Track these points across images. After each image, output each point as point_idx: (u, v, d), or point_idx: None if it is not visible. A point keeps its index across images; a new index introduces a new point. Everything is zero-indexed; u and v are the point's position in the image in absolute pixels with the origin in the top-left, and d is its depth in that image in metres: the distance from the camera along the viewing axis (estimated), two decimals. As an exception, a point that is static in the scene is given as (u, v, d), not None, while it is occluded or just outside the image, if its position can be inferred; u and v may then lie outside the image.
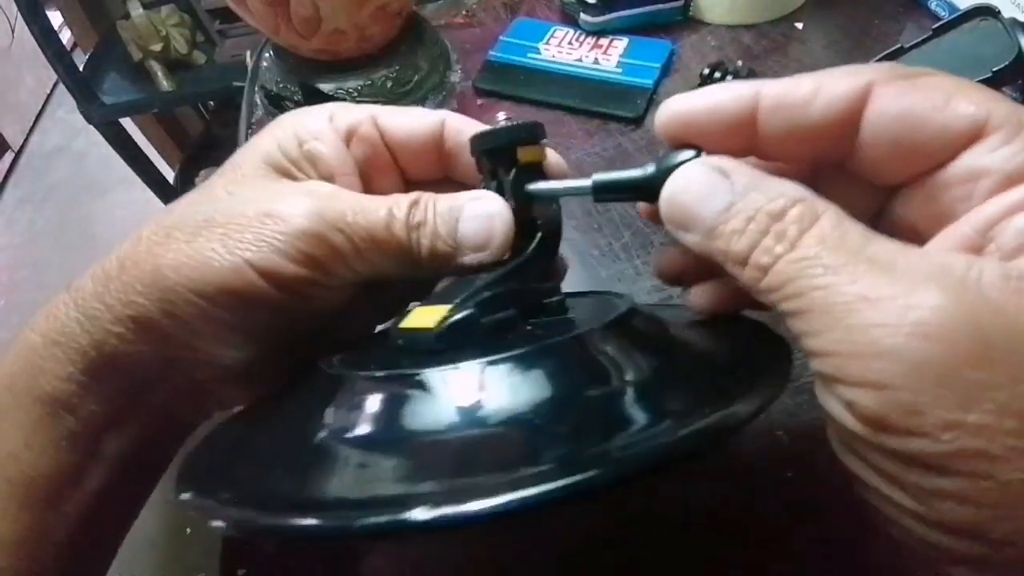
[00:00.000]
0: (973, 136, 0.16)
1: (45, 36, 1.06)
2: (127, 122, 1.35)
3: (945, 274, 0.14)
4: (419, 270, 0.23)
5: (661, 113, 0.20)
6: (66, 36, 1.41)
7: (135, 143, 1.31)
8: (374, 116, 0.25)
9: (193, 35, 1.21)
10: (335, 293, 0.23)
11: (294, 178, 0.23)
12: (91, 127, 1.19)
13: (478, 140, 0.23)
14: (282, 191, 0.22)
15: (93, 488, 0.22)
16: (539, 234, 0.23)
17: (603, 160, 0.47)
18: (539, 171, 0.23)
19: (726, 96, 0.19)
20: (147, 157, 1.35)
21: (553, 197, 0.23)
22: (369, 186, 0.25)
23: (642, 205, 0.23)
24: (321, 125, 0.24)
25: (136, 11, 1.12)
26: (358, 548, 0.30)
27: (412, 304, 0.22)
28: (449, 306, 0.20)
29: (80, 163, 2.00)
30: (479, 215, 0.22)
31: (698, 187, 0.18)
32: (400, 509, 0.14)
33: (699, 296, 0.22)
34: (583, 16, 0.55)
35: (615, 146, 0.48)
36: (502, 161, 0.23)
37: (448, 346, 0.20)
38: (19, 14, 1.04)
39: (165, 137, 1.56)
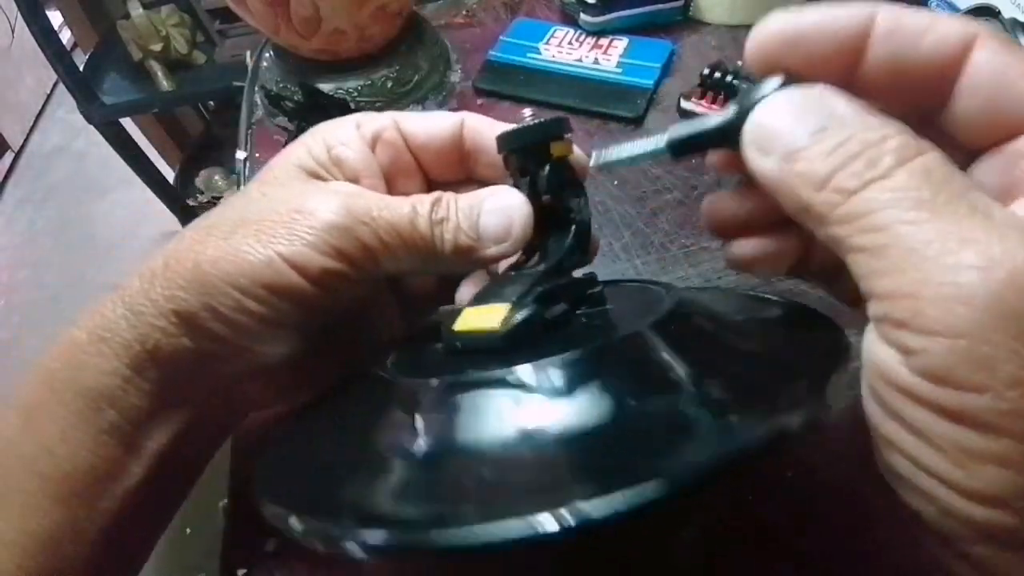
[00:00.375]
0: None
1: (45, 36, 1.05)
2: (127, 122, 1.34)
3: None
4: (442, 265, 0.24)
5: (759, 32, 0.19)
6: (66, 36, 1.41)
7: (135, 143, 1.31)
8: (397, 121, 0.26)
9: (193, 35, 1.21)
10: (363, 290, 0.24)
11: (320, 176, 0.25)
12: (91, 127, 1.19)
13: (506, 139, 0.24)
14: (310, 190, 0.24)
15: (129, 485, 0.22)
16: (573, 226, 0.24)
17: (603, 160, 0.47)
18: (567, 166, 0.24)
19: (841, 13, 0.17)
20: (147, 157, 1.35)
21: (629, 162, 0.23)
22: (393, 189, 0.26)
23: (712, 158, 0.22)
24: (349, 132, 0.25)
25: (136, 11, 1.12)
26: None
27: (444, 307, 0.23)
28: (506, 305, 0.20)
29: (80, 163, 2.00)
30: (499, 208, 0.23)
31: (792, 110, 0.17)
32: (541, 515, 0.14)
33: (741, 249, 0.21)
34: (583, 16, 0.55)
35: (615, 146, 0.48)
36: (532, 158, 0.23)
37: (514, 345, 0.19)
38: (19, 14, 1.04)
39: (165, 137, 1.56)
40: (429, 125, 0.26)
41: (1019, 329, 0.13)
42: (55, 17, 1.14)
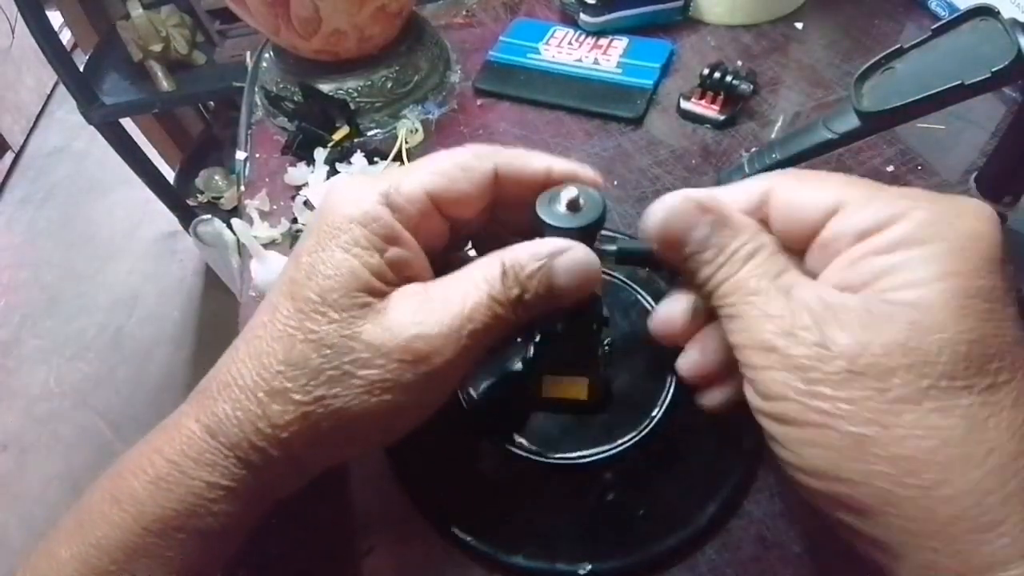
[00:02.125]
0: (833, 212, 0.23)
1: (45, 36, 1.05)
2: (127, 122, 1.34)
3: (820, 304, 0.21)
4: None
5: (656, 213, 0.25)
6: (66, 36, 1.41)
7: (135, 143, 1.31)
8: (430, 194, 0.25)
9: (193, 35, 1.21)
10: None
11: (381, 291, 0.24)
12: (91, 127, 1.19)
13: (554, 231, 0.25)
14: (396, 333, 0.23)
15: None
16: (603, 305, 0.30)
17: (603, 160, 0.47)
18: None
19: (690, 199, 0.24)
20: (147, 157, 1.35)
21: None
22: (418, 237, 0.26)
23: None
24: (393, 225, 0.24)
25: (136, 11, 1.12)
26: (359, 548, 0.30)
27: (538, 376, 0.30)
28: (584, 378, 0.29)
29: (80, 163, 2.00)
30: (571, 267, 0.24)
31: (684, 215, 0.24)
32: None
33: (709, 399, 0.27)
34: (583, 16, 0.55)
35: (615, 146, 0.48)
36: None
37: (597, 406, 0.30)
38: (19, 14, 1.04)
39: (165, 137, 1.56)
40: (465, 194, 0.26)
41: (789, 362, 0.20)
42: (55, 17, 1.14)
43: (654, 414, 0.30)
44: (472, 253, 0.31)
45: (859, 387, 0.19)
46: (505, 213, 0.28)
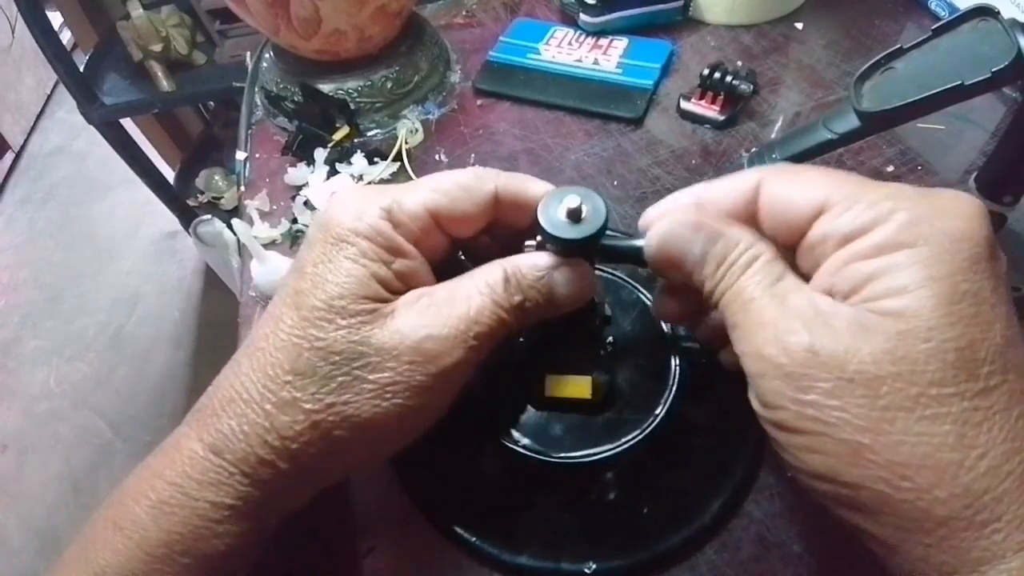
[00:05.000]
0: (819, 212, 0.23)
1: (45, 36, 1.05)
2: (127, 122, 1.34)
3: (812, 310, 0.21)
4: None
5: (645, 220, 0.27)
6: (66, 36, 1.41)
7: (135, 143, 1.31)
8: (431, 212, 0.26)
9: (193, 35, 1.21)
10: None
11: (387, 299, 0.24)
12: (91, 127, 1.19)
13: (556, 242, 0.25)
14: (406, 335, 0.24)
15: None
16: (605, 308, 0.31)
17: (603, 160, 0.47)
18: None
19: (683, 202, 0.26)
20: (147, 157, 1.35)
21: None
22: (418, 247, 0.26)
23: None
24: (396, 238, 0.25)
25: (136, 11, 1.12)
26: (359, 548, 0.30)
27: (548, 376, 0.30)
28: (587, 377, 0.29)
29: (80, 163, 2.00)
30: (570, 280, 0.26)
31: (678, 237, 0.24)
32: None
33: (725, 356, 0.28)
34: (583, 16, 0.55)
35: (615, 146, 0.48)
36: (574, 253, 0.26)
37: (601, 404, 0.30)
38: (19, 14, 1.04)
39: (165, 137, 1.56)
40: (467, 212, 0.26)
41: (787, 372, 0.21)
42: (55, 17, 1.14)
43: (657, 412, 0.30)
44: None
45: (850, 395, 0.20)
46: (502, 230, 0.28)
